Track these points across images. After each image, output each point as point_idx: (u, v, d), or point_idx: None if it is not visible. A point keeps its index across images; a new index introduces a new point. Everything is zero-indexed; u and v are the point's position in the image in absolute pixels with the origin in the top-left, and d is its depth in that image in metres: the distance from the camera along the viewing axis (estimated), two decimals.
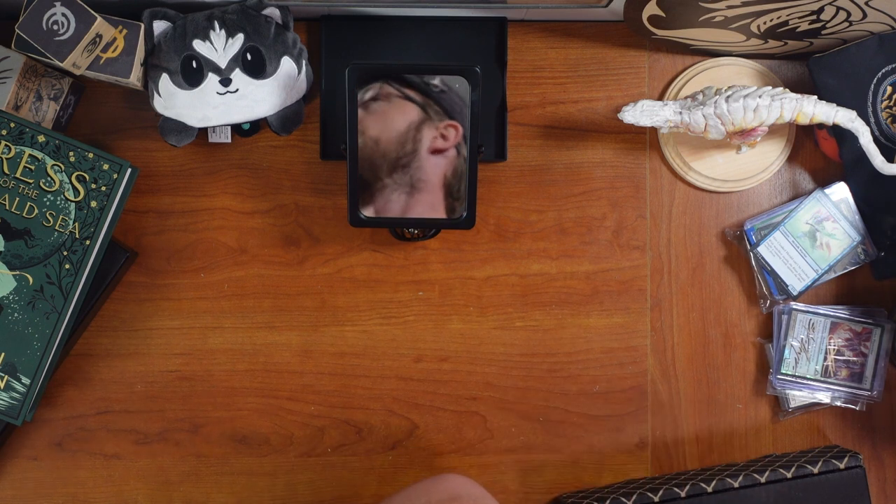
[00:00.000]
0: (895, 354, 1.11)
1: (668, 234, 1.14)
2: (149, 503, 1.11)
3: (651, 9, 1.03)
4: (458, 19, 1.11)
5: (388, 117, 1.03)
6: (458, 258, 1.13)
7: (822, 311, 1.11)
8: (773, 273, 1.11)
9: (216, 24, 1.04)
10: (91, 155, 1.03)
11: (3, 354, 1.02)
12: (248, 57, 1.04)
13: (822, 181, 1.14)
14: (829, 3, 1.01)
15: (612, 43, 1.14)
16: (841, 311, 1.12)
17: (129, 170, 1.04)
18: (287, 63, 1.05)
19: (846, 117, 1.03)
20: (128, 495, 1.11)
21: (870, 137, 1.03)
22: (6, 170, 1.02)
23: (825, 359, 1.11)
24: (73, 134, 1.10)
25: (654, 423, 1.14)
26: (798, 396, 1.12)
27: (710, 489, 1.05)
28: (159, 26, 1.04)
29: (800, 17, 1.04)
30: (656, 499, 1.05)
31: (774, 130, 1.11)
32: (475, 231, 1.12)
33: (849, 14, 1.03)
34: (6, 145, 1.02)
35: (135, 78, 1.04)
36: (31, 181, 1.02)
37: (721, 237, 1.14)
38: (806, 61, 1.10)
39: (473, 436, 1.13)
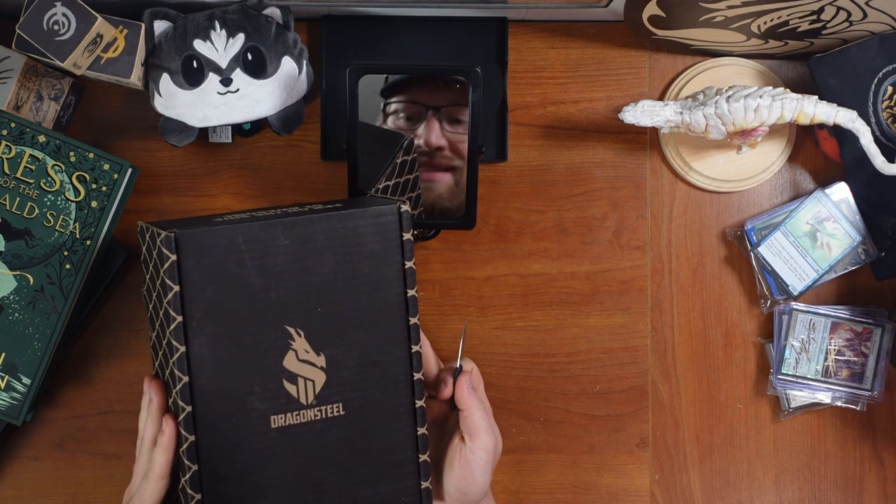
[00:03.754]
0: (895, 354, 1.11)
1: (669, 234, 1.14)
2: None
3: (651, 9, 1.03)
4: (458, 19, 1.11)
5: None
6: (459, 258, 1.13)
7: (822, 312, 1.11)
8: (773, 273, 1.11)
9: (217, 24, 1.04)
10: (91, 155, 1.03)
11: (3, 354, 1.02)
12: (249, 57, 1.04)
13: (823, 181, 1.14)
14: (830, 3, 1.01)
15: (612, 43, 1.14)
16: (841, 312, 1.12)
17: (130, 170, 1.04)
18: (288, 63, 1.05)
19: (847, 117, 1.03)
20: None
21: (870, 137, 1.03)
22: (7, 170, 1.02)
23: (826, 359, 1.11)
24: (74, 134, 1.10)
25: (654, 423, 1.14)
26: (798, 396, 1.12)
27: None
28: (160, 26, 1.04)
29: (800, 17, 1.04)
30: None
31: (775, 130, 1.11)
32: (475, 231, 1.12)
33: (849, 14, 1.03)
34: (7, 145, 1.02)
35: (135, 78, 1.04)
36: (31, 181, 1.02)
37: (722, 237, 1.14)
38: (806, 61, 1.10)
39: None
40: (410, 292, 0.91)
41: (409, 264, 0.91)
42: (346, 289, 0.89)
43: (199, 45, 1.04)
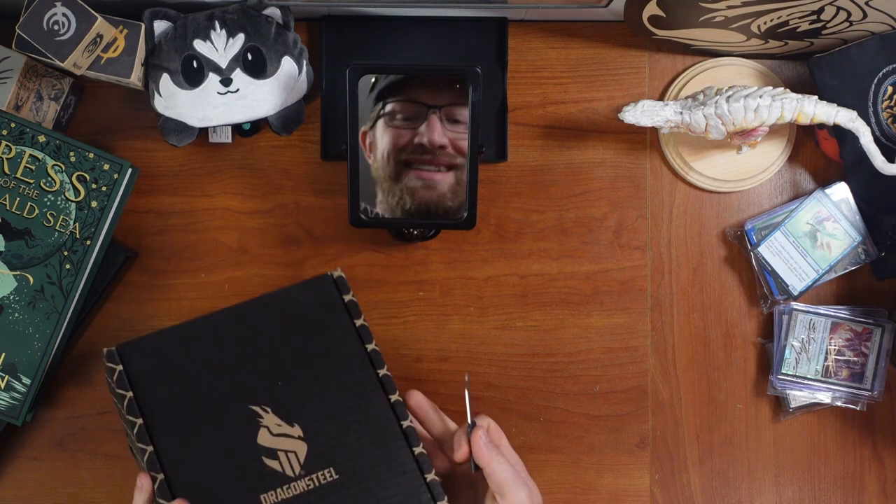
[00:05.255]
0: (895, 354, 1.11)
1: (669, 234, 1.14)
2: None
3: (651, 9, 1.03)
4: (458, 19, 1.11)
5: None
6: (459, 258, 1.13)
7: (822, 312, 1.11)
8: (773, 273, 1.11)
9: (217, 24, 1.04)
10: (91, 155, 1.03)
11: (3, 354, 1.02)
12: (249, 57, 1.04)
13: (823, 181, 1.14)
14: (830, 3, 1.01)
15: (612, 43, 1.14)
16: (841, 312, 1.12)
17: (130, 170, 1.04)
18: (288, 63, 1.05)
19: (847, 117, 1.03)
20: (129, 495, 1.10)
21: (870, 137, 1.03)
22: (7, 170, 1.02)
23: (826, 359, 1.11)
24: (74, 134, 1.10)
25: (654, 423, 1.14)
26: (799, 396, 1.12)
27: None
28: (160, 26, 1.04)
29: (800, 18, 1.04)
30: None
31: (775, 131, 1.11)
32: (476, 231, 1.12)
33: (849, 14, 1.03)
34: (7, 145, 1.02)
35: (135, 78, 1.04)
36: (31, 181, 1.02)
37: (722, 237, 1.14)
38: (806, 61, 1.10)
39: None
40: (370, 347, 0.90)
41: (359, 322, 0.90)
42: (301, 360, 0.89)
43: (199, 45, 1.04)
